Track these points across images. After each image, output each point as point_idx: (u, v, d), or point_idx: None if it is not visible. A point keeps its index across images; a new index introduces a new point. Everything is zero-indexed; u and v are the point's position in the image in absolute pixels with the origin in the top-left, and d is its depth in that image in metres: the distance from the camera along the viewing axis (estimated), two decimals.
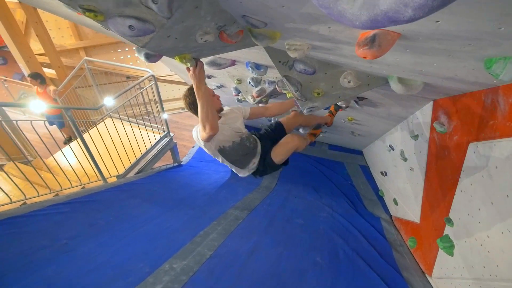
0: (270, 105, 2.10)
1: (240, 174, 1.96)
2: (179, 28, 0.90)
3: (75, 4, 0.78)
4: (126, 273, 1.75)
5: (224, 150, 1.73)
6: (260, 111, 2.02)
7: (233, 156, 1.77)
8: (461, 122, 1.58)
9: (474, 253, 1.55)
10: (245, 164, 1.85)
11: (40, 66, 4.94)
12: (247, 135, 1.83)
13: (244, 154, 1.80)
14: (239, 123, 1.83)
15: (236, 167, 1.86)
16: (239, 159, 1.81)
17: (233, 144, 1.73)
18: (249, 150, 1.81)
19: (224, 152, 1.74)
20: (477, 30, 0.71)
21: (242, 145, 1.77)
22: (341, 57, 1.31)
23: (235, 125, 1.79)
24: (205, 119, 1.37)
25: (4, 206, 2.20)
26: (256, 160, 1.86)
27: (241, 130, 1.81)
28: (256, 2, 0.84)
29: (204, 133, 1.48)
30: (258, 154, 1.86)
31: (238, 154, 1.77)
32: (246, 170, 1.90)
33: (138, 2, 0.79)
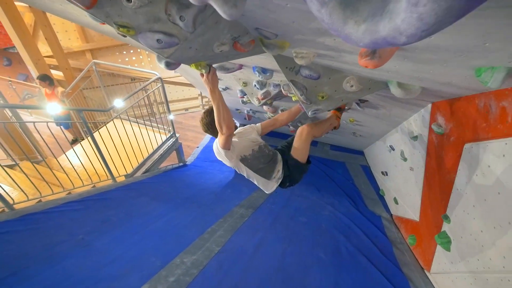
0: (278, 116, 2.14)
1: (268, 190, 1.92)
2: (199, 40, 1.00)
3: (110, 21, 0.89)
4: (139, 267, 1.86)
5: (246, 159, 1.77)
6: (270, 123, 2.07)
7: (256, 164, 1.79)
8: (457, 124, 1.68)
9: (469, 247, 1.65)
10: (270, 173, 1.84)
11: (48, 68, 5.05)
12: (264, 144, 1.89)
13: (267, 161, 1.82)
14: (254, 134, 1.92)
15: (263, 178, 1.84)
16: (263, 168, 1.82)
17: (253, 152, 1.78)
18: (269, 157, 1.84)
19: (247, 161, 1.77)
20: (466, 44, 0.81)
21: (261, 152, 1.81)
22: (344, 64, 1.40)
23: (250, 136, 1.88)
24: (221, 119, 1.47)
25: (21, 203, 2.30)
26: (279, 167, 1.86)
27: (257, 139, 1.88)
28: (269, 18, 0.94)
29: (222, 136, 1.55)
30: (280, 161, 1.88)
31: (261, 161, 1.80)
32: (274, 181, 1.87)
33: (166, 19, 0.89)
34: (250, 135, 1.91)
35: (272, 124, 2.09)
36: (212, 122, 1.62)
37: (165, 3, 0.86)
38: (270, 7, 0.84)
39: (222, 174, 4.04)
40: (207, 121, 1.75)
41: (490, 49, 0.79)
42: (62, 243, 1.92)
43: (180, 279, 1.79)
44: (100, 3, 0.85)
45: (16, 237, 1.89)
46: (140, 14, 0.88)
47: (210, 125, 1.73)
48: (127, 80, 6.23)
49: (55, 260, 1.75)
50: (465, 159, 1.63)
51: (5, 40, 7.20)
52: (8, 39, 7.07)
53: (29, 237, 1.91)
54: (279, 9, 0.84)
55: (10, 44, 7.20)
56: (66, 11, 1.49)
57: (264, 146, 1.89)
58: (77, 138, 5.18)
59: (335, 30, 0.61)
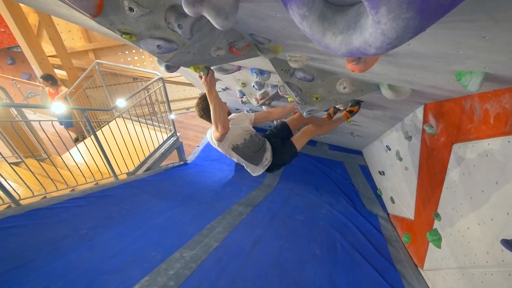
0: (273, 110, 2.29)
1: (254, 173, 2.12)
2: (197, 45, 1.07)
3: (114, 28, 0.96)
4: (141, 260, 1.93)
5: (238, 148, 1.91)
6: (263, 115, 2.21)
7: (246, 153, 1.94)
8: (446, 125, 1.74)
9: (458, 244, 1.71)
10: (258, 160, 2.01)
11: (52, 68, 5.15)
12: (255, 133, 2.02)
13: (256, 150, 1.97)
14: (247, 123, 2.04)
15: (251, 164, 2.01)
16: (253, 156, 1.98)
17: (244, 141, 1.92)
18: (259, 146, 1.99)
19: (238, 150, 1.92)
20: (441, 51, 0.87)
21: (252, 141, 1.95)
22: (336, 66, 1.47)
23: (243, 124, 2.00)
24: (217, 119, 1.55)
25: (27, 199, 2.38)
26: (268, 155, 2.03)
27: (249, 128, 2.01)
28: (261, 26, 1.01)
29: (217, 132, 1.66)
30: (269, 149, 2.05)
31: (251, 150, 1.95)
32: (261, 167, 2.06)
33: (166, 26, 0.96)
34: (243, 124, 2.01)
35: (265, 116, 2.22)
36: (208, 107, 1.70)
37: (164, 12, 0.93)
38: (261, 16, 0.91)
39: (222, 173, 4.11)
40: (203, 106, 1.84)
41: (464, 56, 0.86)
42: (67, 238, 2.00)
43: (179, 272, 1.86)
44: (105, 12, 0.92)
45: (22, 232, 1.97)
46: (142, 22, 0.95)
47: (206, 110, 1.81)
48: (129, 80, 6.31)
49: (60, 254, 1.82)
50: (454, 158, 1.69)
51: (9, 40, 7.32)
52: (12, 38, 7.19)
53: (34, 232, 1.99)
54: (269, 18, 0.91)
55: (14, 43, 7.31)
56: (72, 15, 1.56)
57: (255, 135, 2.01)
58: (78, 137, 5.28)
59: (316, 40, 0.68)
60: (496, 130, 1.25)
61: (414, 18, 0.46)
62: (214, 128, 1.65)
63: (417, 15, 0.46)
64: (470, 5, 0.54)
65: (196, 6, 0.69)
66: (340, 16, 0.63)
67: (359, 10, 0.61)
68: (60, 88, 4.70)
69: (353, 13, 0.62)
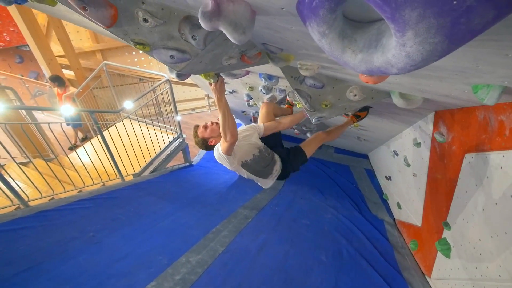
0: (282, 119, 2.24)
1: (265, 186, 2.13)
2: (209, 55, 1.06)
3: (128, 38, 0.96)
4: (147, 264, 1.94)
5: (247, 164, 1.87)
6: (273, 125, 2.15)
7: (255, 167, 1.90)
8: (458, 134, 1.71)
9: (468, 255, 1.68)
10: (268, 174, 1.98)
11: (60, 68, 5.20)
12: (264, 146, 1.98)
13: (266, 165, 1.93)
14: (255, 137, 1.98)
15: (261, 178, 2.00)
16: (263, 170, 1.94)
17: (253, 157, 1.88)
18: (269, 160, 1.95)
19: (247, 166, 1.88)
20: (460, 66, 0.85)
21: (261, 156, 1.91)
22: (348, 75, 1.45)
23: (251, 140, 1.95)
24: (226, 127, 1.53)
25: (35, 200, 2.41)
26: (277, 166, 2.01)
27: (258, 143, 1.97)
28: (275, 36, 1.00)
29: (225, 143, 1.62)
30: (278, 160, 2.02)
31: (260, 165, 1.91)
32: (271, 179, 2.04)
33: (179, 37, 0.96)
34: (251, 139, 1.97)
35: (275, 127, 2.17)
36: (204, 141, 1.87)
37: (178, 23, 0.92)
38: (276, 28, 0.90)
39: (227, 175, 4.11)
40: (197, 140, 1.92)
41: (483, 71, 0.84)
42: (74, 240, 2.02)
43: (185, 278, 1.86)
44: (119, 23, 0.92)
45: (31, 233, 1.99)
46: (155, 32, 0.95)
47: (202, 143, 1.91)
48: (136, 80, 6.35)
49: (69, 256, 1.84)
50: (465, 168, 1.66)
51: (18, 39, 7.42)
52: (21, 37, 7.28)
53: (43, 233, 2.01)
54: (284, 30, 0.90)
55: (22, 42, 7.41)
56: (84, 20, 1.57)
57: (264, 149, 1.98)
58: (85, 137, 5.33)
59: (334, 57, 0.67)
60: (511, 142, 1.22)
61: (442, 42, 0.45)
62: (223, 137, 1.62)
63: (445, 40, 0.45)
64: (497, 26, 0.52)
65: (213, 21, 0.69)
66: (360, 34, 0.62)
67: (380, 28, 0.60)
68: (68, 89, 4.74)
69: (374, 31, 0.61)
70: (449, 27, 0.43)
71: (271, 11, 0.73)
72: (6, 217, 2.08)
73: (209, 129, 1.88)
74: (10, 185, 2.15)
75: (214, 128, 1.88)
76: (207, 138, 1.88)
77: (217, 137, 1.86)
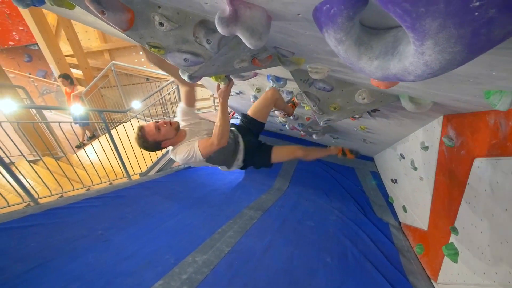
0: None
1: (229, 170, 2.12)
2: (222, 58, 1.08)
3: (143, 42, 0.98)
4: (154, 263, 1.96)
5: (211, 158, 1.85)
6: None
7: (219, 159, 1.90)
8: (467, 139, 1.70)
9: (476, 260, 1.67)
10: (231, 164, 1.99)
11: (68, 67, 5.27)
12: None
13: (229, 155, 1.92)
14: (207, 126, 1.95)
15: (224, 166, 2.01)
16: (225, 160, 1.95)
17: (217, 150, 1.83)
18: (231, 148, 1.92)
19: (212, 160, 1.87)
20: (473, 72, 0.85)
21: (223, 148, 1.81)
22: (357, 78, 1.46)
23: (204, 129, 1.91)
24: (225, 131, 1.54)
25: (45, 198, 2.45)
26: (240, 156, 1.99)
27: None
28: (288, 40, 1.01)
29: (214, 146, 1.61)
30: (241, 151, 1.99)
31: (222, 155, 1.89)
32: (234, 167, 2.05)
33: (194, 40, 0.97)
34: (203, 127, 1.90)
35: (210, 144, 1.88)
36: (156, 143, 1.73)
37: (193, 27, 0.94)
38: (289, 33, 0.91)
39: (232, 175, 4.12)
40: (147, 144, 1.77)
41: (497, 77, 0.84)
42: (83, 238, 2.05)
43: (192, 277, 1.88)
44: (135, 26, 0.94)
45: (41, 230, 2.03)
46: (170, 36, 0.97)
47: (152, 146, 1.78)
48: (142, 80, 6.41)
49: (77, 254, 1.87)
50: (474, 173, 1.65)
51: (27, 38, 7.55)
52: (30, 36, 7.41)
53: (53, 231, 2.05)
54: (298, 35, 0.91)
55: (31, 41, 7.54)
56: (97, 22, 1.60)
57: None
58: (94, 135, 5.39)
59: (350, 63, 0.67)
60: None
61: (462, 52, 0.46)
62: (216, 140, 1.58)
63: (464, 49, 0.46)
64: None
65: (230, 26, 0.70)
66: (377, 40, 0.63)
67: (396, 35, 0.60)
68: (76, 87, 4.81)
69: (390, 38, 0.61)
70: (469, 37, 0.43)
71: (287, 16, 0.74)
72: (17, 214, 2.12)
73: (163, 130, 1.72)
74: (21, 182, 2.19)
75: (169, 129, 1.74)
76: (160, 140, 1.74)
77: (173, 139, 1.77)
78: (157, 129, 1.70)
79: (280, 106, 2.36)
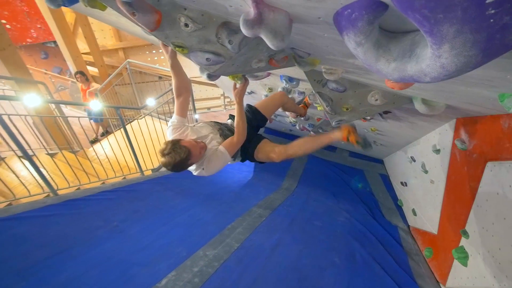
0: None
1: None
2: (241, 58, 1.13)
3: (168, 41, 1.03)
4: (167, 255, 2.02)
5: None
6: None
7: (236, 154, 1.80)
8: (480, 142, 1.70)
9: (487, 264, 1.67)
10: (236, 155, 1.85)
11: (85, 64, 5.43)
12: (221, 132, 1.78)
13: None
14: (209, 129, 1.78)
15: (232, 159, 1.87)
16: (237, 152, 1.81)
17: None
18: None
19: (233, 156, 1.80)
20: (488, 75, 0.87)
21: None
22: (371, 80, 1.48)
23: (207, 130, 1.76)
24: (245, 128, 1.56)
25: (64, 189, 2.56)
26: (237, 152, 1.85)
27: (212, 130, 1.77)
28: (306, 42, 1.05)
29: (239, 144, 1.59)
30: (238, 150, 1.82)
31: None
32: (236, 159, 1.93)
33: (216, 41, 1.02)
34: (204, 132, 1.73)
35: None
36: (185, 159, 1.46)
37: (216, 28, 0.99)
38: (308, 35, 0.95)
39: (241, 174, 4.18)
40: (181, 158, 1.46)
41: (511, 80, 0.86)
42: (100, 229, 2.13)
43: (203, 270, 1.93)
44: (161, 27, 1.00)
45: (61, 220, 2.12)
46: (194, 36, 1.02)
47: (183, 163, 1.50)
48: (155, 78, 6.54)
49: (96, 243, 1.95)
50: (487, 177, 1.65)
51: (44, 35, 7.81)
52: (47, 34, 7.67)
53: (72, 221, 2.14)
54: (316, 37, 0.95)
55: (48, 38, 7.81)
56: (119, 22, 1.67)
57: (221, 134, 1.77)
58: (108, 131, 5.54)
59: (368, 65, 0.71)
60: None
61: (477, 55, 0.49)
62: (239, 139, 1.56)
63: (480, 53, 0.49)
64: None
65: (255, 28, 0.75)
66: (394, 44, 0.66)
67: (414, 39, 0.64)
68: (91, 84, 4.95)
69: (408, 41, 0.65)
70: (485, 42, 0.47)
71: (308, 19, 0.78)
72: (38, 204, 2.22)
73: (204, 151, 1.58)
74: (42, 174, 2.29)
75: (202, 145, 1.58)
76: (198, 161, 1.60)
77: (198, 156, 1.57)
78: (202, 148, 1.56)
79: (290, 109, 2.34)
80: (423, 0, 0.45)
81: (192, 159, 1.51)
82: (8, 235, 1.81)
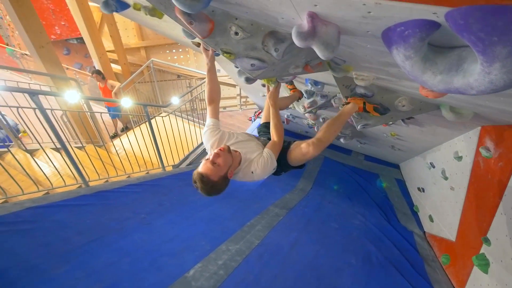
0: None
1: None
2: (282, 65, 1.20)
3: (217, 48, 1.12)
4: (192, 248, 2.13)
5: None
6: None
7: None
8: (507, 151, 1.72)
9: (509, 272, 1.68)
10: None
11: (109, 62, 5.64)
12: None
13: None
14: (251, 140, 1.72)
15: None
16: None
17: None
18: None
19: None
20: None
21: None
22: (401, 86, 1.53)
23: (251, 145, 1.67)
24: (282, 128, 1.61)
25: (94, 181, 2.70)
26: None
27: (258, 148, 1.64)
28: (346, 51, 1.12)
29: (280, 144, 1.57)
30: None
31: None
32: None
33: (261, 48, 1.10)
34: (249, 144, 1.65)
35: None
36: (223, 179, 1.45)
37: (263, 36, 1.07)
38: (350, 45, 1.01)
39: None
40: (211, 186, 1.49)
41: None
42: (129, 219, 2.26)
43: (227, 263, 2.02)
44: (213, 34, 1.09)
45: (93, 210, 2.26)
46: (241, 43, 1.10)
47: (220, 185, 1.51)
48: (174, 77, 6.71)
49: (126, 233, 2.07)
50: None
51: (68, 32, 8.15)
52: (70, 31, 7.98)
53: (103, 211, 2.27)
54: (357, 47, 1.01)
55: (71, 35, 8.14)
56: (159, 25, 1.78)
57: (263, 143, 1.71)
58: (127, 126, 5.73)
59: (414, 76, 0.77)
60: None
61: None
62: (278, 142, 1.55)
63: None
64: None
65: (308, 40, 0.82)
66: (441, 58, 0.72)
67: (461, 55, 0.69)
68: (108, 82, 5.11)
69: (454, 56, 0.70)
70: None
71: (356, 33, 0.84)
72: (72, 193, 2.37)
73: (221, 160, 1.42)
74: (77, 165, 2.43)
75: (225, 155, 1.43)
76: (226, 172, 1.47)
77: (233, 164, 1.49)
78: (214, 163, 1.41)
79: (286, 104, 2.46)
80: (480, 24, 0.51)
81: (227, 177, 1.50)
82: (50, 221, 1.95)
